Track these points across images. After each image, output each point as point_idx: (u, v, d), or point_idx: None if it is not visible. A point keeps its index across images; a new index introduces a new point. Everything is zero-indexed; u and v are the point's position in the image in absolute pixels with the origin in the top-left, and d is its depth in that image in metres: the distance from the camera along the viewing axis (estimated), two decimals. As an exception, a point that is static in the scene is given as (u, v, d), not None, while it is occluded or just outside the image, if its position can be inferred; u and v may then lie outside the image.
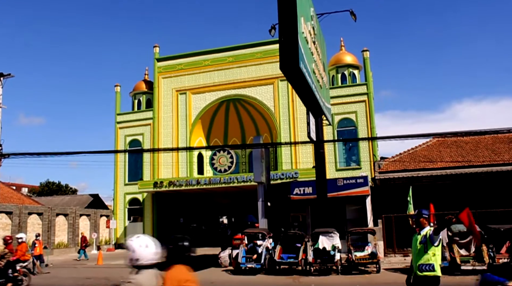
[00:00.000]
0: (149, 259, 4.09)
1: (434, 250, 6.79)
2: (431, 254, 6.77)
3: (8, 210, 29.06)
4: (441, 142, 29.02)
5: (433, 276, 6.72)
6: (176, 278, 3.95)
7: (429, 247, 6.83)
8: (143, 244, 4.11)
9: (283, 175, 29.39)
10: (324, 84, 21.36)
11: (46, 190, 67.46)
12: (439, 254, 6.87)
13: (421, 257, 6.87)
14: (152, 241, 4.15)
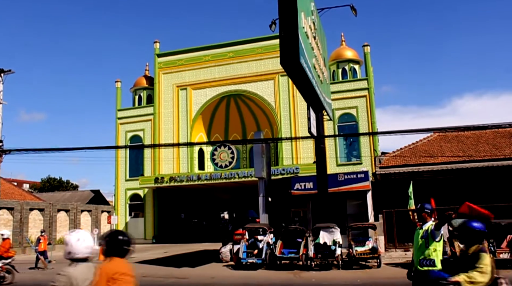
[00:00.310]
0: (82, 253, 4.22)
1: (435, 245, 6.78)
2: (432, 249, 6.76)
3: (10, 206, 29.12)
4: (442, 137, 28.96)
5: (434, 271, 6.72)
6: (109, 271, 4.06)
7: (431, 242, 6.81)
8: (76, 238, 4.24)
9: (284, 170, 29.40)
10: (324, 79, 21.32)
11: (47, 186, 67.53)
12: (440, 250, 6.86)
13: (422, 252, 6.86)
14: (87, 236, 4.31)
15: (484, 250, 4.57)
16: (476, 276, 4.35)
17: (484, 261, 4.47)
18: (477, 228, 4.75)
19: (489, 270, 4.39)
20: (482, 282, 4.34)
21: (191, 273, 16.30)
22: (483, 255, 4.52)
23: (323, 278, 14.31)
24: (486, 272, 4.38)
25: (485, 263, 4.45)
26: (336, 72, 34.00)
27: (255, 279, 14.56)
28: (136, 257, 23.19)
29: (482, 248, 4.61)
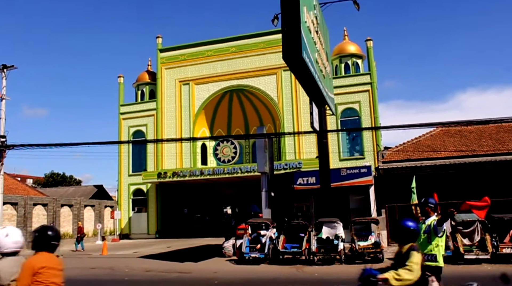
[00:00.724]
0: (9, 247, 4.47)
1: (438, 240, 6.81)
2: (434, 244, 6.79)
3: (14, 201, 29.24)
4: (444, 131, 28.92)
5: (435, 266, 6.75)
6: (35, 264, 4.25)
7: (433, 237, 6.84)
8: (5, 234, 4.47)
9: (286, 165, 29.41)
10: (327, 74, 21.27)
11: (50, 181, 67.72)
12: (443, 245, 6.89)
13: (425, 247, 6.89)
14: (16, 232, 4.56)
15: (415, 249, 4.76)
16: (403, 273, 4.50)
17: (413, 259, 4.63)
18: (411, 227, 4.92)
19: (416, 268, 4.56)
20: (408, 279, 4.50)
21: (194, 268, 16.36)
22: (413, 253, 4.69)
23: (326, 273, 14.34)
24: (413, 270, 4.54)
25: (414, 261, 4.61)
26: (339, 67, 33.94)
27: (257, 274, 14.60)
28: (140, 252, 23.31)
29: (414, 247, 4.80)
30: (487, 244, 15.49)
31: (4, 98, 29.26)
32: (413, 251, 4.73)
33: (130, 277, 14.80)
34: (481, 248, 15.58)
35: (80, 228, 26.94)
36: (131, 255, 22.15)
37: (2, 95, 29.16)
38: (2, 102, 29.22)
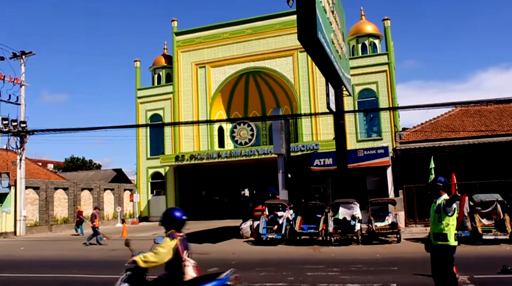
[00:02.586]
0: None
1: (448, 220, 6.81)
2: (444, 224, 6.80)
3: (35, 185, 29.79)
4: (464, 111, 28.53)
5: (446, 245, 6.77)
6: None
7: (443, 217, 6.84)
8: None
9: (303, 146, 29.37)
10: (343, 54, 21.09)
11: (71, 165, 68.74)
12: (454, 224, 6.87)
13: (436, 226, 6.92)
14: None
15: (170, 236, 5.11)
16: (149, 256, 4.96)
17: (162, 244, 5.05)
18: (175, 216, 5.29)
19: (162, 251, 4.97)
20: (153, 261, 4.95)
21: (212, 249, 16.54)
22: (166, 239, 5.08)
23: (343, 253, 14.40)
24: (158, 254, 4.96)
25: (162, 245, 5.01)
26: (356, 47, 33.55)
27: (275, 254, 14.72)
28: (158, 234, 23.62)
29: (171, 234, 5.14)
30: (506, 224, 15.35)
31: (23, 84, 29.70)
32: (167, 237, 5.12)
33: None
34: (500, 228, 15.45)
35: (79, 212, 27.16)
36: (150, 237, 22.37)
37: (21, 81, 29.60)
38: (22, 89, 29.69)
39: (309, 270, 11.11)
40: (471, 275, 9.45)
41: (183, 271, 5.11)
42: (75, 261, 15.19)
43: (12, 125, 27.45)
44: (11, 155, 29.40)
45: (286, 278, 10.17)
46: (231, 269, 5.37)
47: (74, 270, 12.53)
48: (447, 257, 6.75)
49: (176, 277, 5.10)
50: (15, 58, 29.39)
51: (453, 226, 6.85)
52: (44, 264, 14.69)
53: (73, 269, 12.92)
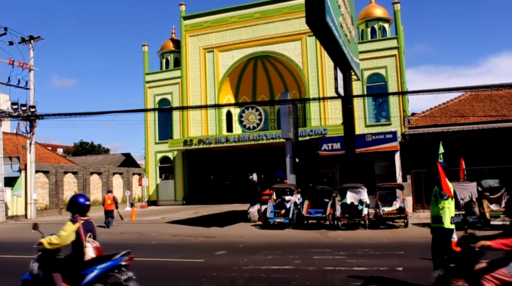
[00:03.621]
0: None
1: (443, 203, 6.97)
2: (440, 207, 7.01)
3: (45, 169, 30.08)
4: (474, 96, 28.27)
5: (442, 228, 6.94)
6: None
7: (439, 200, 7.06)
8: None
9: (311, 131, 29.34)
10: (352, 38, 20.91)
11: (80, 150, 69.19)
12: (450, 208, 7.03)
13: (434, 209, 7.16)
14: None
15: (73, 220, 5.70)
16: (53, 238, 5.58)
17: (64, 227, 5.64)
18: (78, 202, 5.87)
19: (64, 234, 5.57)
20: (56, 243, 5.55)
21: (220, 233, 16.66)
22: (68, 223, 5.70)
23: (350, 237, 14.43)
24: (60, 236, 5.56)
25: (64, 229, 5.61)
26: (365, 31, 33.27)
27: (282, 238, 14.80)
28: (167, 218, 23.83)
29: (74, 218, 5.74)
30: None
31: (32, 69, 29.81)
32: (69, 221, 5.73)
33: (158, 241, 15.19)
34: (508, 214, 15.33)
35: None
36: (159, 221, 22.66)
37: (30, 66, 29.70)
38: (31, 73, 29.80)
39: (315, 253, 11.16)
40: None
41: (84, 251, 5.61)
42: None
43: (22, 110, 27.62)
44: (21, 139, 29.64)
45: (292, 261, 10.23)
46: (126, 250, 5.75)
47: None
48: (445, 240, 6.85)
49: (77, 256, 5.64)
50: (24, 43, 29.45)
51: (449, 209, 6.96)
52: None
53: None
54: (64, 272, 5.62)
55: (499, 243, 4.47)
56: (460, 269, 4.60)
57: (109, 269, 5.55)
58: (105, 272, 5.53)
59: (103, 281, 5.57)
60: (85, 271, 5.51)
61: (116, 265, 5.57)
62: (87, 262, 5.58)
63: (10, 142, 30.96)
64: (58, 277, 5.57)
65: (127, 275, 5.58)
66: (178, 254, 11.91)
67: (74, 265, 5.61)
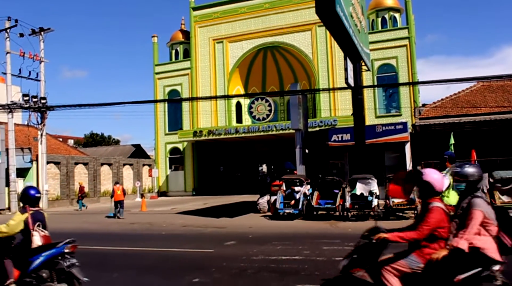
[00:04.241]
0: None
1: (444, 192, 7.22)
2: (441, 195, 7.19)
3: (56, 160, 30.32)
4: (486, 87, 28.01)
5: None
6: None
7: None
8: None
9: (321, 122, 29.24)
10: (362, 28, 20.73)
11: (90, 141, 69.64)
12: (449, 196, 7.28)
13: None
14: None
15: (23, 210, 6.17)
16: (2, 227, 5.97)
17: (14, 217, 6.11)
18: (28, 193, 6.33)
19: (12, 223, 6.01)
20: (5, 232, 5.96)
21: (229, 223, 16.71)
22: (17, 213, 6.19)
23: (360, 228, 14.32)
24: (9, 225, 5.99)
25: (13, 218, 6.08)
26: (376, 21, 32.96)
27: (291, 228, 14.80)
28: (177, 208, 23.93)
29: (23, 208, 6.24)
30: (526, 201, 15.16)
31: (42, 60, 29.97)
32: (18, 211, 6.24)
33: (168, 231, 15.27)
34: (520, 204, 15.24)
35: (81, 188, 27.50)
36: (169, 211, 22.78)
37: (40, 58, 29.85)
38: (41, 65, 29.96)
39: (325, 244, 11.16)
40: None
41: (31, 240, 6.04)
42: (96, 234, 15.50)
43: (33, 102, 27.83)
44: (32, 131, 29.88)
45: (302, 251, 10.24)
46: (70, 238, 6.20)
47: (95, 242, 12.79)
48: None
49: (25, 244, 6.07)
50: (34, 34, 29.61)
51: (448, 198, 7.17)
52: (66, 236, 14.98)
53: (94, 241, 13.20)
54: (14, 258, 6.03)
55: (396, 236, 4.55)
56: (362, 260, 4.68)
57: (53, 256, 5.99)
58: (50, 258, 5.97)
59: (50, 267, 6.01)
60: (32, 258, 5.97)
61: (59, 252, 6.02)
62: (34, 250, 6.03)
63: (21, 133, 31.23)
64: (9, 263, 5.97)
65: (70, 261, 6.02)
66: (188, 244, 11.97)
67: (22, 252, 6.07)
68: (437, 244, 4.37)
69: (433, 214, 4.41)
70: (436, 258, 4.23)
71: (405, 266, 4.46)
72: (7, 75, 27.97)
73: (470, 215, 4.29)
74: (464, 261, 4.16)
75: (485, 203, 4.39)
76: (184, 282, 7.71)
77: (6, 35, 27.89)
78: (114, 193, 20.84)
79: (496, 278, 4.16)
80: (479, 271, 4.14)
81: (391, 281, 4.39)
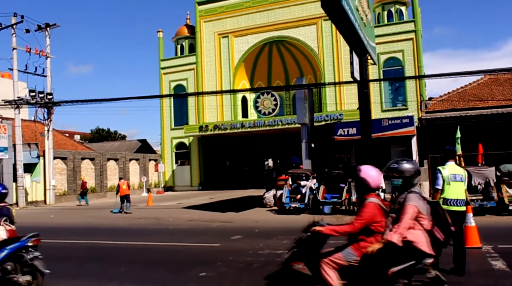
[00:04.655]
0: None
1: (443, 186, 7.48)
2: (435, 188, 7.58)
3: (63, 155, 30.45)
4: (493, 80, 27.81)
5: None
6: None
7: None
8: None
9: (327, 116, 29.18)
10: (368, 22, 20.59)
11: (96, 136, 69.87)
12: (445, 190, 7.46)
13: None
14: None
15: None
16: None
17: None
18: None
19: None
20: None
21: (236, 218, 16.74)
22: None
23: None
24: None
25: None
26: (382, 14, 32.78)
27: (297, 223, 14.75)
28: (183, 203, 24.00)
29: None
30: (534, 194, 15.05)
31: (48, 56, 30.05)
32: None
33: (174, 226, 15.32)
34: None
35: (83, 183, 27.62)
36: (175, 206, 22.85)
37: (47, 53, 29.92)
38: (47, 61, 30.04)
39: (331, 238, 11.14)
40: (495, 244, 9.39)
41: None
42: (103, 228, 15.57)
43: (39, 97, 27.94)
44: (39, 126, 30.01)
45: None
46: (33, 232, 6.42)
47: (103, 237, 12.86)
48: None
49: None
50: (40, 30, 29.68)
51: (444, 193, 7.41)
52: (74, 231, 15.12)
53: (102, 235, 13.28)
54: None
55: (330, 229, 4.68)
56: (302, 253, 4.78)
57: (17, 249, 6.25)
58: (14, 252, 6.23)
59: (15, 260, 6.28)
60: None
61: (23, 245, 6.27)
62: (0, 243, 6.34)
63: (28, 129, 31.37)
64: None
65: (33, 254, 6.26)
66: (194, 239, 12.01)
67: None
68: (373, 238, 4.45)
69: (367, 209, 4.52)
70: (370, 251, 4.32)
71: (341, 259, 4.55)
72: (14, 71, 28.09)
73: (404, 210, 4.37)
74: (397, 254, 4.25)
75: (420, 198, 4.48)
76: (190, 276, 7.74)
77: (12, 31, 28.00)
78: (120, 188, 20.93)
79: (428, 271, 4.26)
80: (412, 264, 4.23)
81: (329, 274, 4.47)
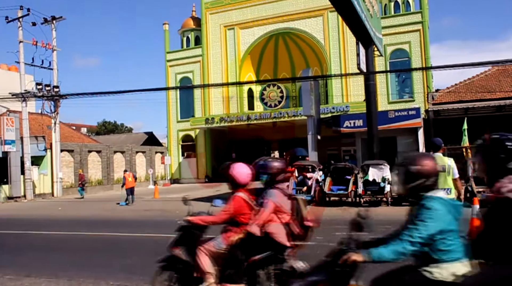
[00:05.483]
0: None
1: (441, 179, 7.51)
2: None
3: (70, 148, 30.58)
4: (501, 71, 27.62)
5: None
6: None
7: None
8: None
9: (334, 108, 29.09)
10: (375, 13, 20.53)
11: (103, 129, 70.12)
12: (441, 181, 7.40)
13: None
14: None
15: None
16: None
17: None
18: None
19: None
20: None
21: (242, 209, 16.73)
22: None
23: (372, 214, 14.37)
24: None
25: None
26: (388, 6, 32.55)
27: (304, 215, 14.81)
28: (189, 195, 24.01)
29: None
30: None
31: (55, 49, 30.10)
32: None
33: (181, 218, 15.32)
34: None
35: (81, 176, 27.68)
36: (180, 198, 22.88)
37: (53, 46, 29.98)
38: (54, 54, 30.10)
39: (337, 230, 11.12)
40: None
41: None
42: (111, 221, 15.65)
43: (46, 90, 28.05)
44: (46, 119, 30.14)
45: (314, 237, 10.20)
46: None
47: (110, 228, 12.94)
48: None
49: None
50: (46, 23, 29.72)
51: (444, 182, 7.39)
52: (81, 223, 15.21)
53: (109, 227, 13.35)
54: None
55: (197, 219, 5.09)
56: (184, 240, 5.16)
57: None
58: None
59: None
60: None
61: None
62: None
63: (35, 122, 31.52)
64: None
65: None
66: (200, 231, 12.01)
67: None
68: (239, 229, 4.81)
69: (233, 202, 4.92)
70: (234, 240, 4.71)
71: (213, 247, 4.89)
72: (20, 64, 28.18)
73: (264, 204, 4.73)
74: (258, 244, 4.63)
75: (281, 194, 4.84)
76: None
77: (19, 25, 28.06)
78: (126, 180, 20.99)
79: (286, 261, 4.69)
80: (270, 254, 4.63)
81: (203, 260, 4.83)
